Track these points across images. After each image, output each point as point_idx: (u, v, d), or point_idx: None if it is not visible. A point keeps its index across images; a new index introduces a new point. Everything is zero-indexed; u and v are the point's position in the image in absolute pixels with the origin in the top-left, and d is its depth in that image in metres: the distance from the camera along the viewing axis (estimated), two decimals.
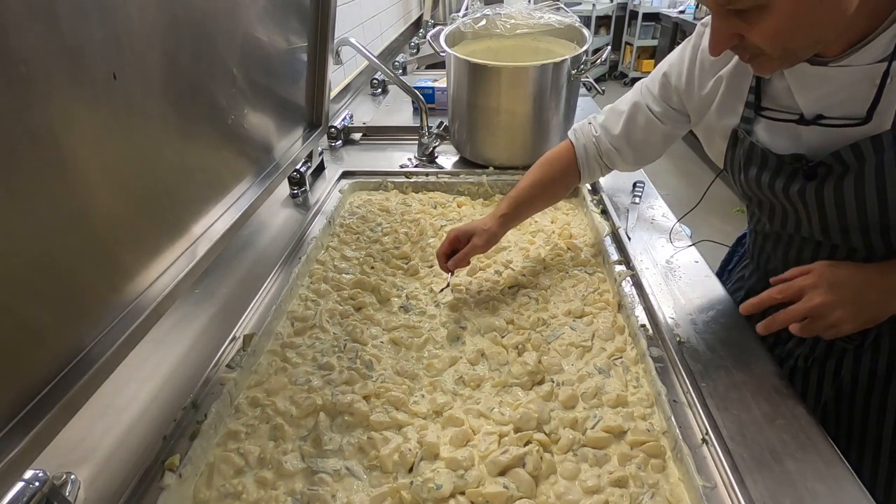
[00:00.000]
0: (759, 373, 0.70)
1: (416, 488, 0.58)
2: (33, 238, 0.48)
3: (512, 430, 0.65)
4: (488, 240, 0.91)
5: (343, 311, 0.87)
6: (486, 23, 1.32)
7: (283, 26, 0.99)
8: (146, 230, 0.66)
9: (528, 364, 0.74)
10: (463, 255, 0.89)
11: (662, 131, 0.87)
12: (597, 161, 0.97)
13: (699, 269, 0.92)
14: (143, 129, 0.63)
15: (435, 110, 1.61)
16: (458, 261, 0.90)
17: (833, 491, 0.56)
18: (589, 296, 0.89)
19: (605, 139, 0.94)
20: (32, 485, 0.48)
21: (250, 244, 1.02)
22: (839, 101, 0.62)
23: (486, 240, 0.90)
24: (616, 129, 0.92)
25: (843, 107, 0.62)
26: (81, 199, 0.54)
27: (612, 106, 0.95)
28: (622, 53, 5.96)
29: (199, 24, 0.71)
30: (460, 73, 1.23)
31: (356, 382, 0.73)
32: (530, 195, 0.96)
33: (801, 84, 0.65)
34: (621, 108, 0.92)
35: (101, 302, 0.58)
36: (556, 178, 0.98)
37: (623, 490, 0.58)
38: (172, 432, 0.63)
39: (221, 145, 0.84)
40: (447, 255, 0.91)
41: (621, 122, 0.91)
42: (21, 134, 0.45)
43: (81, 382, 0.52)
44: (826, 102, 0.63)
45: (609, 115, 0.94)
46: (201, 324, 0.82)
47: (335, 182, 1.24)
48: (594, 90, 1.42)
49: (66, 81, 0.49)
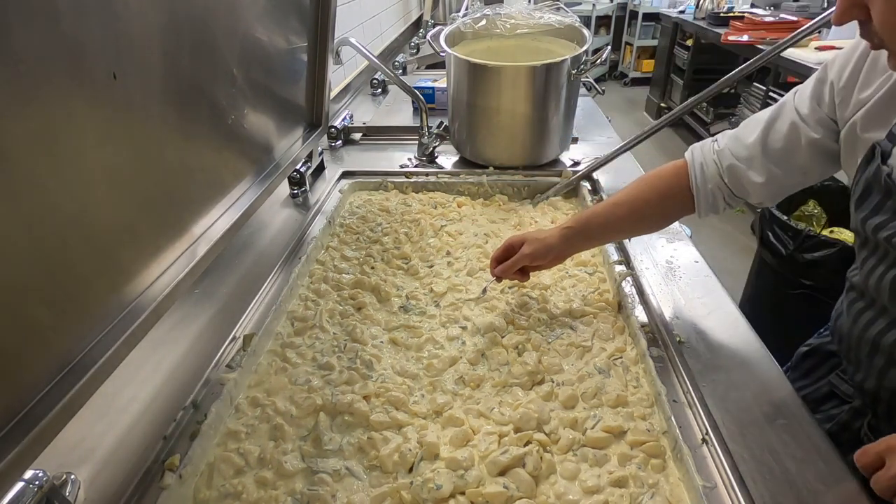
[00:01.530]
0: (759, 373, 0.70)
1: (416, 488, 0.58)
2: (33, 238, 0.48)
3: (512, 430, 0.65)
4: (539, 250, 0.80)
5: (343, 311, 0.87)
6: (486, 23, 1.32)
7: (283, 26, 0.99)
8: (146, 230, 0.66)
9: (528, 364, 0.74)
10: (511, 263, 0.80)
11: (808, 139, 0.67)
12: (718, 186, 0.75)
13: (699, 269, 0.92)
14: (143, 129, 0.63)
15: (435, 110, 1.61)
16: (506, 269, 0.81)
17: (833, 491, 0.56)
18: (589, 296, 0.89)
19: (731, 151, 0.74)
20: (32, 485, 0.48)
21: (250, 244, 1.02)
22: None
23: (536, 249, 0.79)
24: (751, 137, 0.72)
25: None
26: (81, 198, 0.54)
27: (753, 115, 0.77)
28: (622, 53, 5.96)
29: (199, 24, 0.71)
30: (460, 73, 1.23)
31: (356, 382, 0.73)
32: (609, 213, 0.80)
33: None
34: (763, 114, 0.73)
35: (101, 302, 0.58)
36: (651, 201, 0.79)
37: (623, 490, 0.58)
38: (172, 432, 0.63)
39: (221, 145, 0.84)
40: (498, 261, 0.83)
41: (760, 128, 0.72)
42: (21, 134, 0.45)
43: (81, 382, 0.52)
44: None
45: (746, 123, 0.75)
46: (201, 324, 0.82)
47: (335, 182, 1.24)
48: (594, 90, 1.42)
49: (66, 81, 0.49)
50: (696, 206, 0.77)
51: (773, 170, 0.71)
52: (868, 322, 0.65)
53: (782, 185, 0.73)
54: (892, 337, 0.61)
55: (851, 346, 0.69)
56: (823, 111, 0.67)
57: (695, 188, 0.76)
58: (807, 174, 0.71)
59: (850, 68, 0.63)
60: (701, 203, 0.77)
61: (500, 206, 1.20)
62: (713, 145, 0.77)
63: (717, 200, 0.77)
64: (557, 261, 0.84)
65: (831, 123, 0.66)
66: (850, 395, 0.71)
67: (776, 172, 0.71)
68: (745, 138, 0.73)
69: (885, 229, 0.57)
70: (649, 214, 0.81)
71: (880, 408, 0.66)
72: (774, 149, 0.70)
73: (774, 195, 0.74)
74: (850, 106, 0.63)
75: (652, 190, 0.79)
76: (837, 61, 0.65)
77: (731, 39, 3.44)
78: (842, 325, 0.72)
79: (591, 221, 0.81)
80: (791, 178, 0.72)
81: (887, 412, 0.66)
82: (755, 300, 1.88)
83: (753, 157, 0.72)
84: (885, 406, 0.66)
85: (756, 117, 0.74)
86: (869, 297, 0.65)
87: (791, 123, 0.69)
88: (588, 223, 0.81)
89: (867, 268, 0.63)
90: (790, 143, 0.69)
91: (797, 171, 0.71)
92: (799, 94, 0.70)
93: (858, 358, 0.68)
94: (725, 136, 0.77)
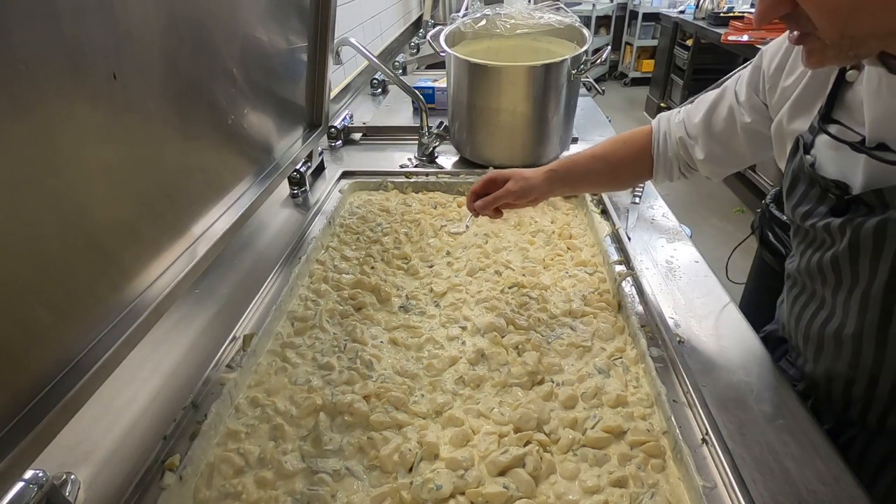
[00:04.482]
0: (759, 373, 0.70)
1: (416, 488, 0.58)
2: (33, 238, 0.48)
3: (512, 430, 0.65)
4: (524, 188, 0.80)
5: (343, 311, 0.87)
6: (486, 23, 1.32)
7: (283, 26, 0.99)
8: (146, 230, 0.66)
9: (528, 364, 0.74)
10: (493, 198, 0.80)
11: (743, 125, 0.72)
12: (676, 156, 0.82)
13: (699, 269, 0.92)
14: (143, 129, 0.63)
15: (435, 110, 1.61)
16: (487, 203, 0.81)
17: (833, 491, 0.56)
18: (589, 296, 0.89)
19: (685, 126, 0.79)
20: (32, 485, 0.48)
21: (250, 244, 1.02)
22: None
23: (521, 187, 0.79)
24: (698, 116, 0.77)
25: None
26: (81, 199, 0.54)
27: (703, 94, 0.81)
28: (622, 53, 5.96)
29: (199, 24, 0.71)
30: (460, 73, 1.23)
31: (356, 382, 0.73)
32: (590, 165, 0.84)
33: (872, 95, 0.52)
34: (709, 95, 0.77)
35: (101, 302, 0.58)
36: (625, 160, 0.84)
37: (623, 490, 0.58)
38: (172, 432, 0.63)
39: (221, 145, 0.84)
40: (477, 195, 0.82)
41: (705, 108, 0.77)
42: (21, 134, 0.45)
43: (81, 382, 0.52)
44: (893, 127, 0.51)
45: (698, 101, 0.80)
46: (201, 324, 0.82)
47: (335, 182, 1.24)
48: (594, 90, 1.42)
49: (66, 81, 0.49)
50: (653, 170, 0.84)
51: (714, 148, 0.77)
52: (801, 308, 0.68)
53: (722, 163, 0.78)
54: (820, 321, 0.64)
55: (791, 333, 0.73)
56: (758, 97, 0.70)
57: (655, 154, 0.82)
58: (744, 155, 0.76)
59: (780, 56, 0.65)
60: (659, 169, 0.83)
61: None
62: (675, 117, 0.82)
63: (673, 169, 0.83)
64: (535, 202, 0.85)
65: (764, 109, 0.70)
66: (797, 378, 0.73)
67: (717, 151, 0.77)
68: (693, 117, 0.79)
69: (811, 217, 0.60)
70: (622, 173, 0.87)
71: (819, 392, 0.69)
72: (716, 130, 0.76)
73: (717, 172, 0.80)
74: (777, 93, 0.66)
75: (626, 151, 0.85)
76: (770, 48, 0.68)
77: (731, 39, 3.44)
78: (783, 312, 0.75)
79: (573, 170, 0.85)
80: (730, 157, 0.77)
81: (826, 396, 0.68)
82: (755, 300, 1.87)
83: (699, 135, 0.78)
84: (823, 391, 0.68)
85: (705, 97, 0.79)
86: (801, 282, 0.68)
87: (729, 108, 0.73)
88: (570, 171, 0.84)
89: (799, 254, 0.66)
90: (729, 126, 0.74)
91: (735, 151, 0.76)
92: (739, 80, 0.73)
93: (797, 343, 0.71)
94: (684, 109, 0.82)
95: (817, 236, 0.61)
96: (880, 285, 0.54)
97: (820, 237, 0.60)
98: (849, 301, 0.59)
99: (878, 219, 0.51)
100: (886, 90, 0.50)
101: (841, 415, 0.67)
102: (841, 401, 0.66)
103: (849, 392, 0.64)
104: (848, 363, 0.62)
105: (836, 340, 0.62)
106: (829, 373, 0.66)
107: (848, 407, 0.65)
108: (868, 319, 0.57)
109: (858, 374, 0.61)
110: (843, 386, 0.64)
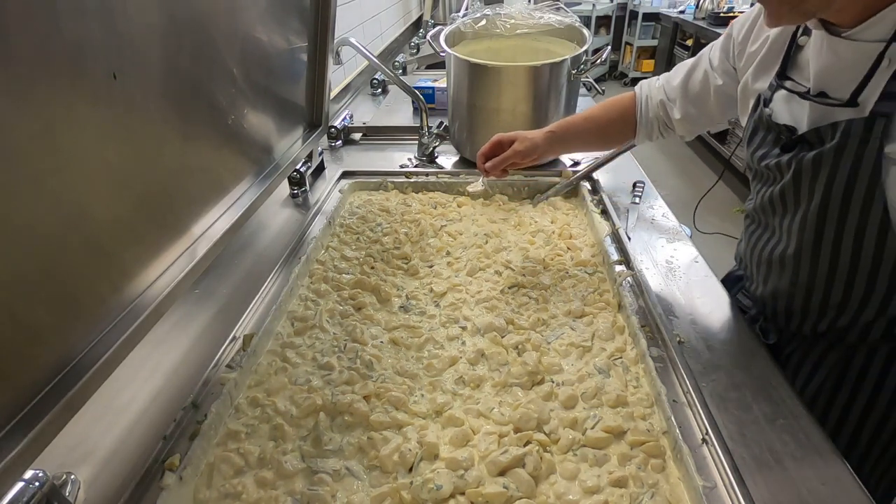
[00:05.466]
0: (759, 373, 0.70)
1: (416, 488, 0.58)
2: (33, 238, 0.48)
3: (512, 430, 0.65)
4: (528, 148, 0.91)
5: (343, 311, 0.87)
6: (486, 23, 1.32)
7: (283, 26, 0.99)
8: (146, 230, 0.66)
9: (528, 364, 0.74)
10: (501, 159, 0.91)
11: (716, 87, 0.84)
12: (656, 117, 0.94)
13: (699, 269, 0.92)
14: (144, 129, 0.63)
15: (435, 110, 1.61)
16: (497, 164, 0.91)
17: (833, 491, 0.56)
18: (589, 296, 0.89)
19: (665, 89, 0.92)
20: (32, 485, 0.48)
21: (250, 244, 1.02)
22: (843, 79, 0.60)
23: (527, 147, 0.91)
24: (677, 80, 0.89)
25: (842, 85, 0.60)
26: (81, 198, 0.54)
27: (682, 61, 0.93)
28: (622, 53, 5.96)
29: (199, 24, 0.71)
30: (460, 73, 1.23)
31: (356, 382, 0.72)
32: (582, 126, 0.96)
33: (816, 53, 0.64)
34: (687, 62, 0.89)
35: (101, 302, 0.58)
36: (613, 120, 0.96)
37: (623, 490, 0.58)
38: (172, 432, 0.63)
39: (221, 145, 0.84)
40: (486, 157, 0.92)
41: (683, 73, 0.89)
42: (22, 134, 0.45)
43: (81, 382, 0.52)
44: (830, 78, 0.62)
45: (677, 67, 0.92)
46: (201, 324, 0.82)
47: (335, 182, 1.24)
48: (594, 90, 1.42)
49: (66, 81, 0.49)
50: (636, 131, 0.95)
51: (689, 109, 0.89)
52: (756, 240, 0.80)
53: (695, 122, 0.90)
54: (770, 247, 0.76)
55: (746, 263, 0.85)
56: (728, 63, 0.81)
57: (639, 116, 0.94)
58: (714, 116, 0.88)
59: (747, 26, 0.77)
60: (641, 129, 0.95)
61: (500, 206, 1.20)
62: (656, 82, 0.94)
63: (654, 129, 0.95)
64: (537, 160, 0.96)
65: (733, 73, 0.81)
66: (749, 306, 0.85)
67: (692, 111, 0.89)
68: (672, 81, 0.91)
69: (766, 158, 0.71)
70: (610, 133, 0.99)
71: (766, 310, 0.81)
72: (692, 93, 0.87)
73: (691, 130, 0.92)
74: (744, 58, 0.77)
75: (614, 113, 0.97)
76: (739, 20, 0.80)
77: None
78: (741, 248, 0.88)
79: (569, 131, 0.96)
80: (702, 117, 0.89)
81: (772, 313, 0.80)
82: None
83: (677, 97, 0.89)
84: (770, 309, 0.80)
85: (683, 63, 0.91)
86: (757, 219, 0.79)
87: (704, 72, 0.85)
88: (566, 132, 0.95)
89: (755, 193, 0.77)
90: (703, 89, 0.86)
91: (707, 112, 0.88)
92: (712, 49, 0.85)
93: (751, 272, 0.83)
94: (663, 76, 0.94)
95: (770, 174, 0.72)
96: (815, 207, 0.65)
97: (772, 175, 0.71)
98: (792, 225, 0.70)
99: (815, 151, 0.63)
100: (826, 49, 0.62)
101: (784, 329, 0.78)
102: (783, 315, 0.77)
103: (790, 306, 0.75)
104: (789, 280, 0.73)
105: (780, 261, 0.73)
106: (775, 292, 0.77)
107: (789, 320, 0.76)
108: (805, 239, 0.68)
109: (797, 290, 0.72)
110: (785, 301, 0.76)
